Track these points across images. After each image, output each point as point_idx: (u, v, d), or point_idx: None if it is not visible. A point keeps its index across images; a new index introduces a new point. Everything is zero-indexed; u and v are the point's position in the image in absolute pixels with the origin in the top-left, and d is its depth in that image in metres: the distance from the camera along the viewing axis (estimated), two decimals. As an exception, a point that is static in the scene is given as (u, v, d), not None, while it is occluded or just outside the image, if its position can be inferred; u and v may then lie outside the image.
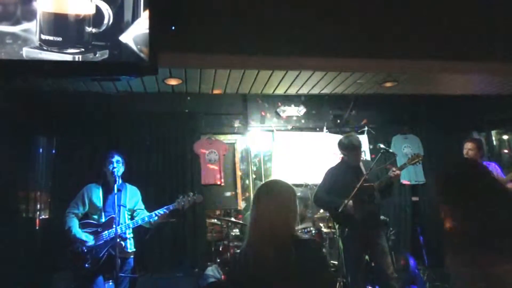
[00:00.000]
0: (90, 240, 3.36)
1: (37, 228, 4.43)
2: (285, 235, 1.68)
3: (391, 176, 3.49)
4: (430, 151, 5.27)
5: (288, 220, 1.73)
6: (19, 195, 4.23)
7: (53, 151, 4.60)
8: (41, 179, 4.57)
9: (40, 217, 4.49)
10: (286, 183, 1.87)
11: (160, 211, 3.53)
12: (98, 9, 2.18)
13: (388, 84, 3.99)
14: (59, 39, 2.14)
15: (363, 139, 5.23)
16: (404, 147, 5.29)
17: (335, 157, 5.21)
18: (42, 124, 4.47)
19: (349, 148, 3.64)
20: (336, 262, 4.01)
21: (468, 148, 4.10)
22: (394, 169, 3.54)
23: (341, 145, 3.71)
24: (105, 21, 2.19)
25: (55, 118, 4.50)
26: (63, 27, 2.15)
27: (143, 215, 3.56)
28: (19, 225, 4.12)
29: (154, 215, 3.51)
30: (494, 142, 5.74)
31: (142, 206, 3.72)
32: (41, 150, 4.60)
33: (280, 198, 1.77)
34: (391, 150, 3.79)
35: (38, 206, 4.49)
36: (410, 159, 3.67)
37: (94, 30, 2.17)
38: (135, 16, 2.28)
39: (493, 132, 5.74)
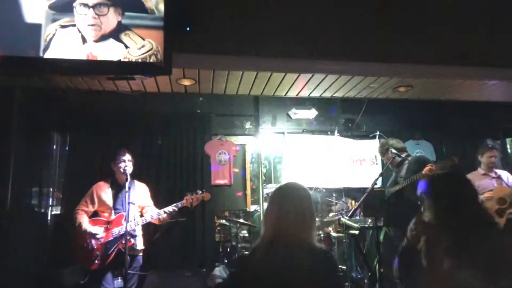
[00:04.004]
0: (100, 232, 3.39)
1: (48, 223, 4.49)
2: (301, 240, 1.65)
3: (423, 173, 3.29)
4: (443, 158, 5.19)
5: (304, 226, 1.70)
6: (33, 190, 4.29)
7: (67, 148, 4.66)
8: (54, 176, 4.64)
9: (52, 213, 4.56)
10: (303, 187, 1.85)
11: (169, 208, 3.57)
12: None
13: (402, 89, 3.95)
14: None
15: (375, 144, 5.19)
16: (416, 153, 5.23)
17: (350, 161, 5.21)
18: (56, 121, 4.54)
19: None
20: (344, 267, 3.98)
21: (493, 155, 4.08)
22: (429, 165, 3.35)
23: None
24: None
25: (70, 116, 4.57)
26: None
27: (152, 212, 3.59)
28: (31, 220, 4.18)
29: (162, 212, 3.55)
30: (509, 150, 5.64)
31: (151, 203, 3.75)
32: (54, 147, 4.67)
33: (298, 202, 1.74)
34: (403, 156, 3.74)
35: (51, 201, 4.56)
36: (446, 161, 3.41)
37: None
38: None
39: (508, 140, 5.64)
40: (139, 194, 3.69)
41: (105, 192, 3.59)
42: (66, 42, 2.27)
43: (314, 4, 3.03)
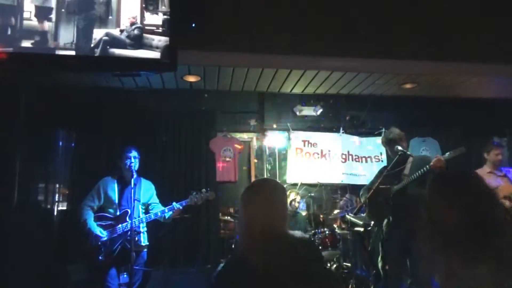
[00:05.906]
0: (104, 235, 3.42)
1: (54, 219, 4.53)
2: (282, 235, 1.61)
3: (432, 165, 3.16)
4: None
5: (281, 219, 1.67)
6: (39, 186, 4.32)
7: (72, 145, 4.68)
8: (60, 172, 4.67)
9: (58, 209, 4.59)
10: (274, 181, 1.91)
11: (173, 207, 3.57)
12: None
13: (408, 86, 3.94)
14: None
15: (380, 141, 5.17)
16: (422, 150, 5.20)
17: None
18: (62, 118, 4.56)
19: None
20: (349, 264, 3.98)
21: (499, 152, 4.04)
22: (437, 156, 3.20)
23: None
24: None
25: (75, 112, 4.58)
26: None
27: (157, 210, 3.60)
28: (37, 216, 4.21)
29: (167, 210, 3.56)
30: (516, 147, 5.59)
31: (157, 200, 3.76)
32: (60, 143, 4.69)
33: (271, 197, 1.69)
34: (408, 153, 3.71)
35: (57, 198, 4.59)
36: (456, 150, 3.28)
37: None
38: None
39: (514, 137, 5.59)
40: (145, 191, 3.70)
41: (111, 188, 3.60)
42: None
43: (319, 1, 3.02)
